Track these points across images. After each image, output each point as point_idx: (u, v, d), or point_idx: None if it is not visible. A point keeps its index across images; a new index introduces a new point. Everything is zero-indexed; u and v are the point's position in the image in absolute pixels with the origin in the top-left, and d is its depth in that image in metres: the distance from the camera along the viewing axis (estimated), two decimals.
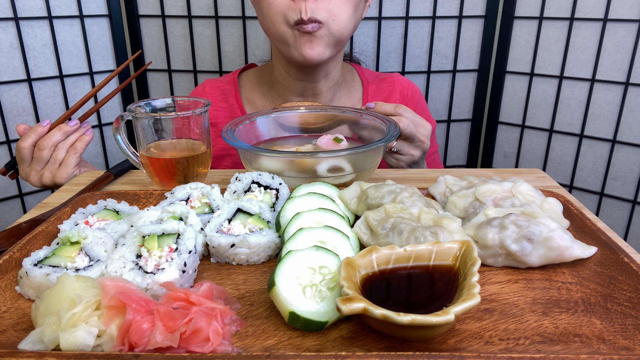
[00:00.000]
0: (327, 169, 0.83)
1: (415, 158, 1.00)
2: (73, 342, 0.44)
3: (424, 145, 1.00)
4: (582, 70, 1.63)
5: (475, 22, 1.71)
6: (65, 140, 1.01)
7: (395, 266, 0.53)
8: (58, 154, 1.00)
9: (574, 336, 0.49)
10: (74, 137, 1.02)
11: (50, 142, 0.99)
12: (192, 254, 0.58)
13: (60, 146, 1.00)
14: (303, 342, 0.48)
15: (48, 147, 0.99)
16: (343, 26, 1.03)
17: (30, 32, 1.57)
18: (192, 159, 0.84)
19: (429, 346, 0.48)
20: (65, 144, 1.01)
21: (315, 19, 0.99)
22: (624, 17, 1.51)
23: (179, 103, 0.88)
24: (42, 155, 0.99)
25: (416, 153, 1.00)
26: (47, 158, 1.00)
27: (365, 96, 1.24)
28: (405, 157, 1.00)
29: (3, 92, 1.57)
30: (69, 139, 1.01)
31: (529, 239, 0.60)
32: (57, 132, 1.00)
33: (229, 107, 1.23)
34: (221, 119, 1.22)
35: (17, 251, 0.62)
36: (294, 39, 1.03)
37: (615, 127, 1.62)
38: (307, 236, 0.58)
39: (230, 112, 1.22)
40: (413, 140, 0.98)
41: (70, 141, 1.01)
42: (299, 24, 1.00)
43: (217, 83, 1.26)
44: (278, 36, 1.05)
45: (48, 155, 1.00)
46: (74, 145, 1.01)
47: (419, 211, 0.65)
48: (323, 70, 1.15)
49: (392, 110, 0.98)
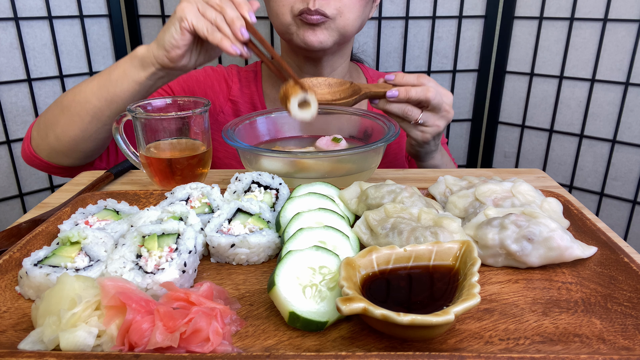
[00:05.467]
0: (298, 104, 0.84)
1: (440, 129, 0.97)
2: (73, 342, 0.44)
3: (448, 115, 0.96)
4: (582, 70, 1.63)
5: (475, 22, 1.71)
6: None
7: (395, 266, 0.53)
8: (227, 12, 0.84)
9: (574, 336, 0.49)
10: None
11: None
12: (192, 254, 0.58)
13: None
14: (303, 342, 0.48)
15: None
16: (349, 23, 1.04)
17: (30, 32, 1.57)
18: (192, 159, 0.84)
19: (429, 346, 0.48)
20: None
21: (322, 11, 0.99)
22: (624, 17, 1.51)
23: (179, 103, 0.88)
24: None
25: (441, 124, 0.96)
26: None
27: None
28: (431, 128, 0.95)
29: (3, 92, 1.57)
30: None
31: (529, 239, 0.60)
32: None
33: (250, 93, 1.23)
34: (243, 105, 1.22)
35: (17, 251, 0.62)
36: (297, 27, 1.03)
37: (615, 127, 1.62)
38: (307, 236, 0.58)
39: (251, 99, 1.23)
40: (439, 110, 0.94)
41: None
42: (303, 13, 1.00)
43: (242, 69, 1.27)
44: (282, 27, 1.06)
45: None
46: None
47: (419, 211, 0.65)
48: (329, 66, 1.16)
49: (414, 80, 0.92)
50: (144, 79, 0.90)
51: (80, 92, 0.94)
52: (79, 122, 0.94)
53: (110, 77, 0.92)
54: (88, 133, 0.95)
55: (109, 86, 0.91)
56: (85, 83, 0.95)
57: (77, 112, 0.94)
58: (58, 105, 0.97)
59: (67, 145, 0.97)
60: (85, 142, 0.97)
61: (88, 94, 0.93)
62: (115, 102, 0.92)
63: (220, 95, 1.21)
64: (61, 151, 0.98)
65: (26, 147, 1.02)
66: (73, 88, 0.97)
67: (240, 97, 1.21)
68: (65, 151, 0.98)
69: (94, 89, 0.93)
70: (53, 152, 0.99)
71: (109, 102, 0.92)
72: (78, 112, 0.93)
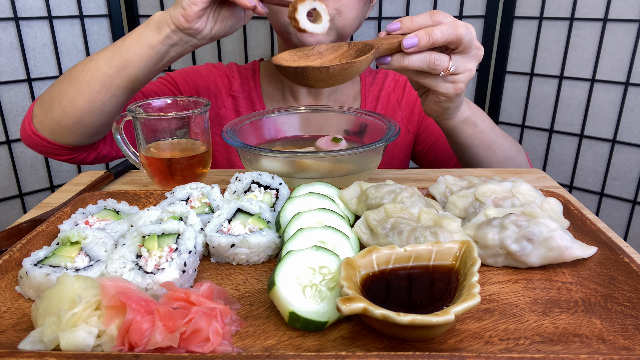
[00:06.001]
0: (307, 14, 0.82)
1: (473, 73, 0.82)
2: (73, 342, 0.44)
3: (479, 53, 0.82)
4: (582, 70, 1.63)
5: (475, 22, 1.71)
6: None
7: (395, 266, 0.53)
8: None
9: (574, 336, 0.49)
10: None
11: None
12: (192, 254, 0.58)
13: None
14: (303, 342, 0.48)
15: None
16: (347, 24, 1.05)
17: (30, 32, 1.57)
18: (192, 159, 0.84)
19: (429, 346, 0.48)
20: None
21: None
22: (624, 17, 1.51)
23: (179, 103, 0.88)
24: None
25: (473, 66, 0.82)
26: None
27: (363, 88, 1.25)
28: (464, 74, 0.81)
29: (3, 92, 1.57)
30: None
31: (529, 239, 0.60)
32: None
33: (248, 90, 1.24)
34: (242, 100, 1.23)
35: (17, 251, 0.62)
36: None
37: (615, 127, 1.62)
38: (307, 236, 0.58)
39: (249, 95, 1.24)
40: (470, 49, 0.79)
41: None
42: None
43: (241, 68, 1.28)
44: (281, 26, 1.06)
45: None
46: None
47: (419, 211, 0.65)
48: None
49: (428, 19, 0.76)
50: (157, 43, 0.87)
51: (91, 60, 0.93)
52: (87, 92, 0.92)
53: (124, 43, 0.90)
54: (95, 105, 0.93)
55: (122, 51, 0.90)
56: (98, 52, 0.94)
57: (87, 80, 0.92)
58: (66, 77, 0.95)
59: (73, 118, 0.94)
60: (91, 116, 0.94)
61: (100, 62, 0.92)
62: (126, 68, 0.90)
63: (222, 89, 1.22)
64: (66, 126, 0.95)
65: (27, 126, 0.99)
66: (84, 59, 0.95)
67: (240, 93, 1.23)
68: (70, 126, 0.95)
69: (106, 56, 0.91)
70: (57, 128, 0.96)
71: (120, 69, 0.90)
72: (87, 80, 0.92)
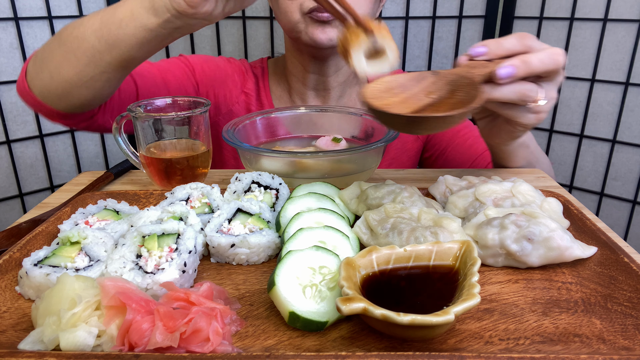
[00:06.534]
0: (365, 56, 0.70)
1: (555, 101, 0.74)
2: (73, 342, 0.44)
3: (561, 78, 0.73)
4: (582, 70, 1.63)
5: (475, 22, 1.71)
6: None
7: (395, 266, 0.53)
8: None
9: (574, 336, 0.49)
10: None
11: None
12: (192, 254, 0.58)
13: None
14: (303, 342, 0.48)
15: None
16: None
17: (30, 32, 1.57)
18: (192, 159, 0.84)
19: (429, 346, 0.48)
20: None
21: None
22: (624, 17, 1.51)
23: (179, 103, 0.88)
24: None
25: (555, 93, 0.73)
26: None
27: None
28: (549, 103, 0.72)
29: (3, 92, 1.57)
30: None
31: (529, 239, 0.60)
32: None
33: (257, 88, 1.24)
34: (253, 99, 1.22)
35: (17, 251, 0.62)
36: (305, 25, 1.02)
37: (615, 127, 1.62)
38: (307, 236, 0.58)
39: (258, 94, 1.23)
40: (558, 76, 0.71)
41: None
42: (314, 11, 0.99)
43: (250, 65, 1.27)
44: (290, 24, 1.05)
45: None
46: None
47: (419, 211, 0.65)
48: (334, 65, 1.15)
49: (518, 44, 0.67)
50: (155, 26, 0.74)
51: (79, 25, 0.80)
52: (74, 62, 0.81)
53: (115, 14, 0.77)
54: (83, 79, 0.82)
55: (111, 26, 0.77)
56: (88, 16, 0.81)
57: (73, 49, 0.80)
58: (57, 38, 0.84)
59: (60, 87, 0.84)
60: (79, 89, 0.84)
61: (87, 31, 0.79)
62: (117, 47, 0.78)
63: (238, 84, 1.22)
64: (54, 92, 0.86)
65: (20, 81, 0.90)
66: (74, 21, 0.82)
67: (253, 91, 1.22)
68: (59, 94, 0.86)
69: (94, 25, 0.78)
70: (45, 91, 0.87)
71: (110, 46, 0.78)
72: (74, 50, 0.80)
